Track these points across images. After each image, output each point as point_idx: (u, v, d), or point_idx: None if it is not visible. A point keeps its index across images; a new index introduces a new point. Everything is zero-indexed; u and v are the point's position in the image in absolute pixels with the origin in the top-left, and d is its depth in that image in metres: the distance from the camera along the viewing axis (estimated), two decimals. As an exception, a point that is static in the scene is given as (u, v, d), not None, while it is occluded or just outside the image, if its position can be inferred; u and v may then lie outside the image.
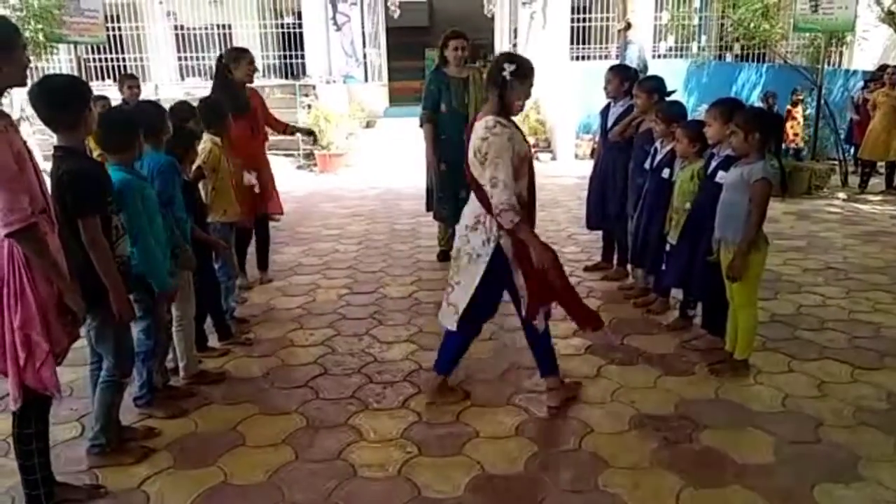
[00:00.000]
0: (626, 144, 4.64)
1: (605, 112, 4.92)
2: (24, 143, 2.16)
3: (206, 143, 3.88)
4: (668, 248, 3.97)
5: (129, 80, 6.64)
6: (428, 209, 5.66)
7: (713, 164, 3.54)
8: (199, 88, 8.49)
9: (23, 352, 2.14)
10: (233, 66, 4.63)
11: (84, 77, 8.10)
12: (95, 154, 4.95)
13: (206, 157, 3.84)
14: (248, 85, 4.76)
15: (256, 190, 4.59)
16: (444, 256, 5.64)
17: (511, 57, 2.84)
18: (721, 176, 3.41)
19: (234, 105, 4.40)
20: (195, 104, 3.90)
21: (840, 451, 2.75)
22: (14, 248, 2.09)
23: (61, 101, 2.37)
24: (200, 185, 3.80)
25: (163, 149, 3.17)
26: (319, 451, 2.81)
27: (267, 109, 5.08)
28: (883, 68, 9.70)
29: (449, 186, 5.33)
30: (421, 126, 5.36)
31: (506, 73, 2.75)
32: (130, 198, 2.69)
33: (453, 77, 5.21)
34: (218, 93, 4.53)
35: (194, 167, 3.64)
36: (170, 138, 3.21)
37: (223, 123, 4.04)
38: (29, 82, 2.29)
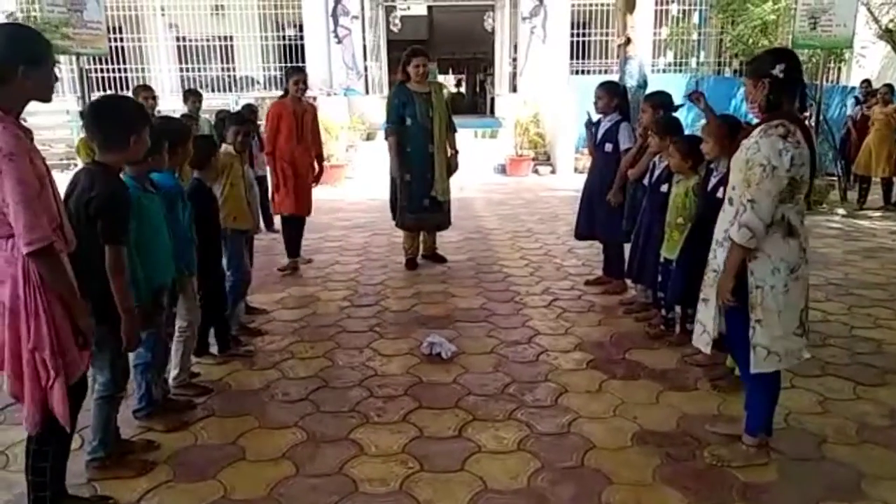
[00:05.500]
0: (617, 158, 4.71)
1: (595, 126, 4.97)
2: (43, 159, 2.13)
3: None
4: (661, 261, 3.99)
5: (143, 91, 6.55)
6: (394, 218, 5.81)
7: (713, 179, 3.54)
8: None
9: (43, 373, 2.10)
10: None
11: (86, 88, 8.09)
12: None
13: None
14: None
15: None
16: (412, 265, 5.78)
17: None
18: (722, 192, 3.40)
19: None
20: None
21: (843, 468, 2.74)
22: (31, 267, 2.05)
23: (109, 119, 2.48)
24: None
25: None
26: (320, 465, 2.79)
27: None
28: (868, 83, 9.78)
29: (414, 196, 5.50)
30: (386, 139, 5.55)
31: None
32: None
33: (416, 92, 5.43)
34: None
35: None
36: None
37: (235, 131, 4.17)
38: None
